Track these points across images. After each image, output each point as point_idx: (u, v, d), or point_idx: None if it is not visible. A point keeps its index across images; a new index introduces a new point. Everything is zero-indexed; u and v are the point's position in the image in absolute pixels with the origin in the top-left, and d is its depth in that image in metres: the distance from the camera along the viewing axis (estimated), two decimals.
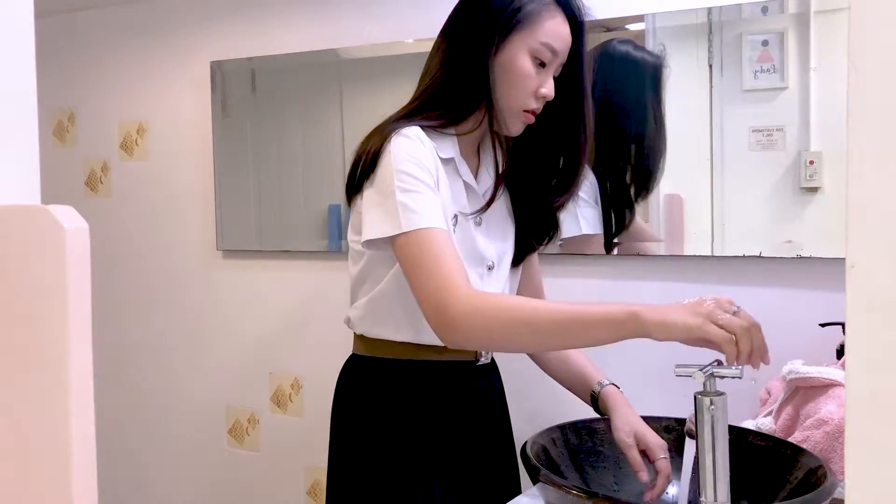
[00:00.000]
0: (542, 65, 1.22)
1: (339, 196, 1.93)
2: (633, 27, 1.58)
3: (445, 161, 1.25)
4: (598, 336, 1.03)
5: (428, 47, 1.29)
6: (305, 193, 1.98)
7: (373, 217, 1.16)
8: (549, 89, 1.23)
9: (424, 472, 1.28)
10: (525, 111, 1.24)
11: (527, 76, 1.21)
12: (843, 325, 1.35)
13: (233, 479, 2.14)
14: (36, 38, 0.55)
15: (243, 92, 2.06)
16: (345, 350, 1.41)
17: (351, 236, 1.30)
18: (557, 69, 1.25)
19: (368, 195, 1.19)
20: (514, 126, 1.26)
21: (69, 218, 0.47)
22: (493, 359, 1.41)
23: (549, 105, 1.27)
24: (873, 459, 0.43)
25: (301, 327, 2.01)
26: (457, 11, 1.27)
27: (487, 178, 1.32)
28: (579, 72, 1.27)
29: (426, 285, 1.09)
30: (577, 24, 1.25)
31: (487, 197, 1.29)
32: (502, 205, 1.37)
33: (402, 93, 1.85)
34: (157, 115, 2.20)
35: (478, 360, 1.35)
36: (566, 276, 1.51)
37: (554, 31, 1.21)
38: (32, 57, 0.55)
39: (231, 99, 2.08)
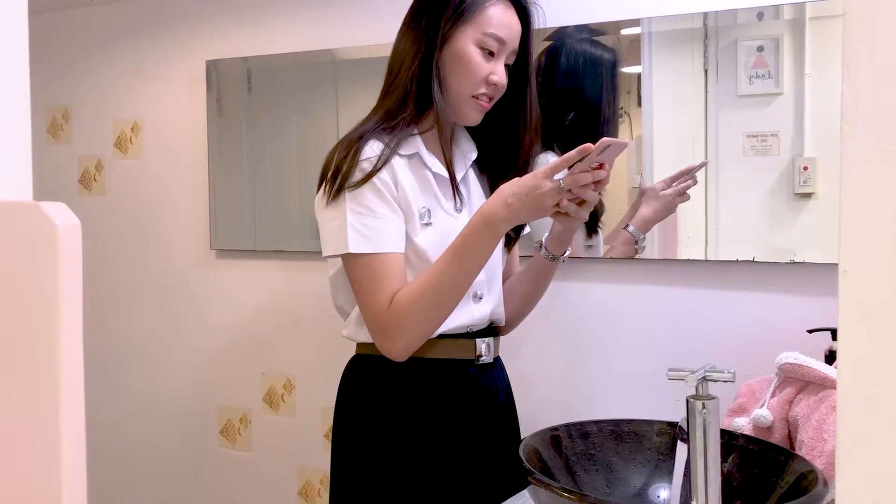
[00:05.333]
0: (490, 53, 1.27)
1: None
2: (627, 32, 1.58)
3: (409, 157, 1.29)
4: (477, 248, 1.19)
5: None
6: (300, 194, 1.98)
7: (326, 233, 1.26)
8: (500, 76, 1.28)
9: (426, 470, 1.29)
10: (475, 98, 1.29)
11: (475, 65, 1.27)
12: (831, 330, 1.36)
13: (224, 479, 2.14)
14: (30, 36, 0.55)
15: (239, 91, 2.05)
16: (338, 351, 1.41)
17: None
18: (510, 56, 1.31)
19: (328, 211, 1.25)
20: (470, 114, 1.31)
21: (61, 214, 0.47)
22: (496, 359, 1.41)
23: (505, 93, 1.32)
24: (865, 464, 0.43)
25: (294, 327, 2.00)
26: (409, 13, 1.32)
27: (463, 168, 1.37)
28: (527, 57, 1.33)
29: (365, 305, 1.25)
30: (523, 11, 1.31)
31: (458, 185, 1.34)
32: (481, 191, 1.41)
33: None
34: (152, 114, 2.20)
35: (478, 360, 1.35)
36: (559, 280, 1.51)
37: (498, 19, 1.27)
38: (26, 54, 0.55)
39: (226, 98, 2.07)
